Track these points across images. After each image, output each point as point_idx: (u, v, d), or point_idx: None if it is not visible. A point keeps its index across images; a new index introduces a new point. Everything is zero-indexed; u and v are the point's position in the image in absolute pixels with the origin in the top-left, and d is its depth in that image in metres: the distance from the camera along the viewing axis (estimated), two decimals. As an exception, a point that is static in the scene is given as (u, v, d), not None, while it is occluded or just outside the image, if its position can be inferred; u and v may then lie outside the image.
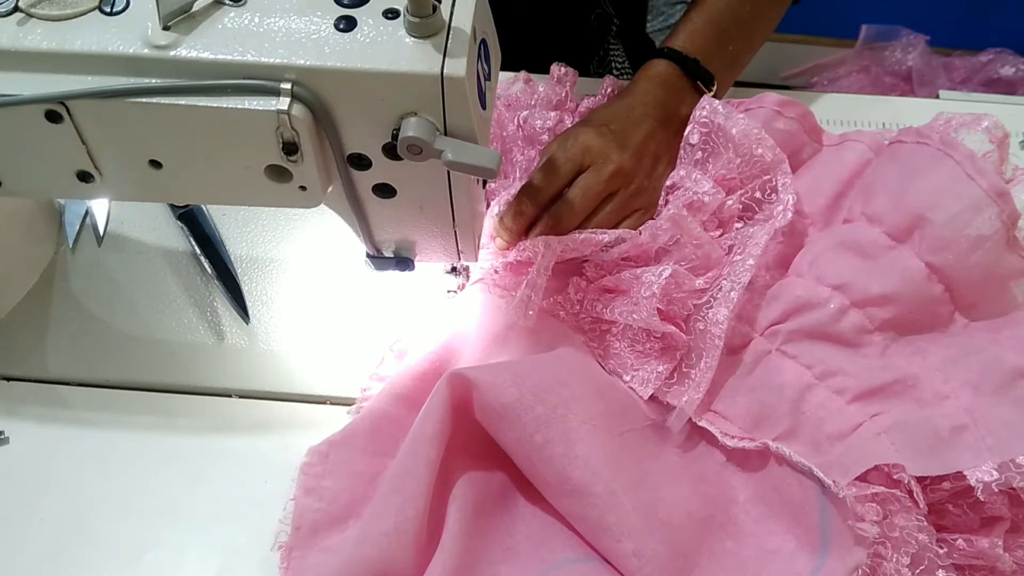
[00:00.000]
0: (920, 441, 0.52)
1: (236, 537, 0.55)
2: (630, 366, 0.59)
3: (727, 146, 0.62)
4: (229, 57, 0.44)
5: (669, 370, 0.57)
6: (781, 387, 0.55)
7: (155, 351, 0.63)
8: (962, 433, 0.52)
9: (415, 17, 0.43)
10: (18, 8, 0.45)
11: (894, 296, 0.56)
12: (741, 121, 0.61)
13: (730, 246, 0.60)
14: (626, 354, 0.59)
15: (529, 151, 0.69)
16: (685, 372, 0.57)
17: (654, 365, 0.58)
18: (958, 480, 0.50)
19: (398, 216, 0.53)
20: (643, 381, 0.58)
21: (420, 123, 0.44)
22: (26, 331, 0.64)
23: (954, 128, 0.63)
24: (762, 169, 0.61)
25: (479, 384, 0.52)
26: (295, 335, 0.63)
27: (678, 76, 0.67)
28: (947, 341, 0.57)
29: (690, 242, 0.59)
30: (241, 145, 0.47)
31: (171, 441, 0.59)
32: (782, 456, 0.53)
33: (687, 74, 0.67)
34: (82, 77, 0.45)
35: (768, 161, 0.61)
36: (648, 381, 0.57)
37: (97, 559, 0.54)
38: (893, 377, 0.54)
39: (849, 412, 0.54)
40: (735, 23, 0.69)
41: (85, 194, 0.51)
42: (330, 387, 0.61)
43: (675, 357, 0.57)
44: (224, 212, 0.69)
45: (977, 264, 0.56)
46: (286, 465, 0.57)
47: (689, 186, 0.61)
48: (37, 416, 0.60)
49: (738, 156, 0.61)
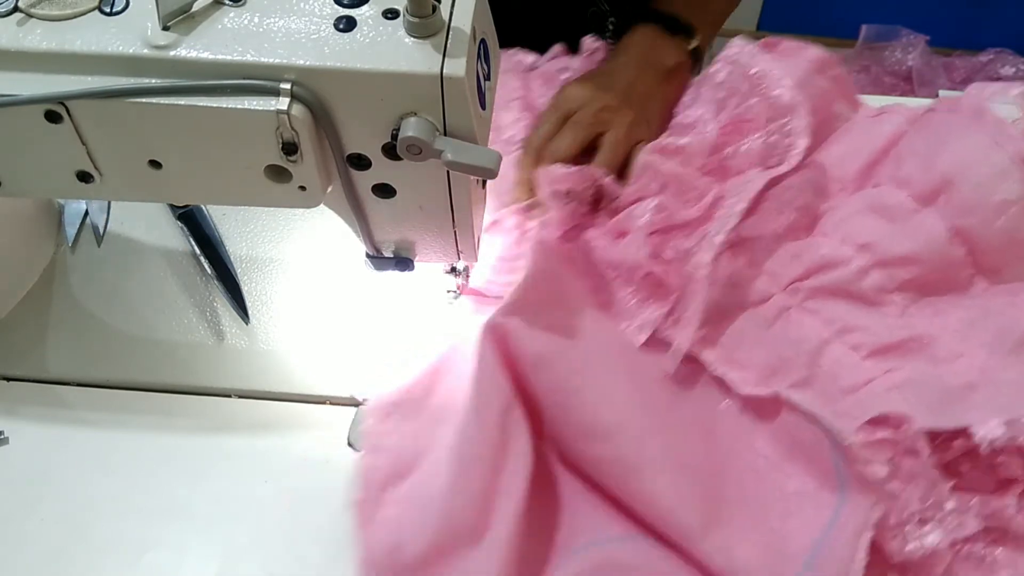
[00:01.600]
0: (930, 397, 0.52)
1: (236, 537, 0.55)
2: (630, 313, 0.60)
3: (745, 86, 0.63)
4: (229, 57, 0.44)
5: (663, 314, 0.59)
6: (799, 341, 0.56)
7: (155, 351, 0.63)
8: (973, 391, 0.52)
9: (415, 17, 0.43)
10: (18, 8, 0.45)
11: (916, 257, 0.58)
12: (763, 61, 0.63)
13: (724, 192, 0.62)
14: (628, 300, 0.60)
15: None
16: (677, 317, 0.59)
17: (652, 310, 0.59)
18: (970, 440, 0.50)
19: (398, 216, 0.53)
20: (639, 328, 0.59)
21: (420, 123, 0.44)
22: (26, 331, 0.64)
23: (987, 97, 0.64)
24: (779, 111, 0.63)
25: (514, 333, 0.54)
26: (295, 335, 0.63)
27: (658, 32, 0.71)
28: (967, 303, 0.58)
29: (673, 181, 0.61)
30: (241, 145, 0.47)
31: (171, 441, 0.59)
32: (793, 403, 0.54)
33: (667, 30, 0.70)
34: (82, 77, 0.45)
35: (785, 103, 0.62)
36: (645, 326, 0.59)
37: (97, 559, 0.54)
38: (909, 335, 0.55)
39: (864, 367, 0.55)
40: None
41: (85, 194, 0.51)
42: (330, 387, 0.61)
43: (669, 301, 0.59)
44: (224, 212, 0.69)
45: (1001, 229, 0.57)
46: (286, 465, 0.58)
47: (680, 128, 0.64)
48: (37, 416, 0.60)
49: (754, 96, 0.63)
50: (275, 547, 0.54)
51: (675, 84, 0.70)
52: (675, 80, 0.70)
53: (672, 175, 0.62)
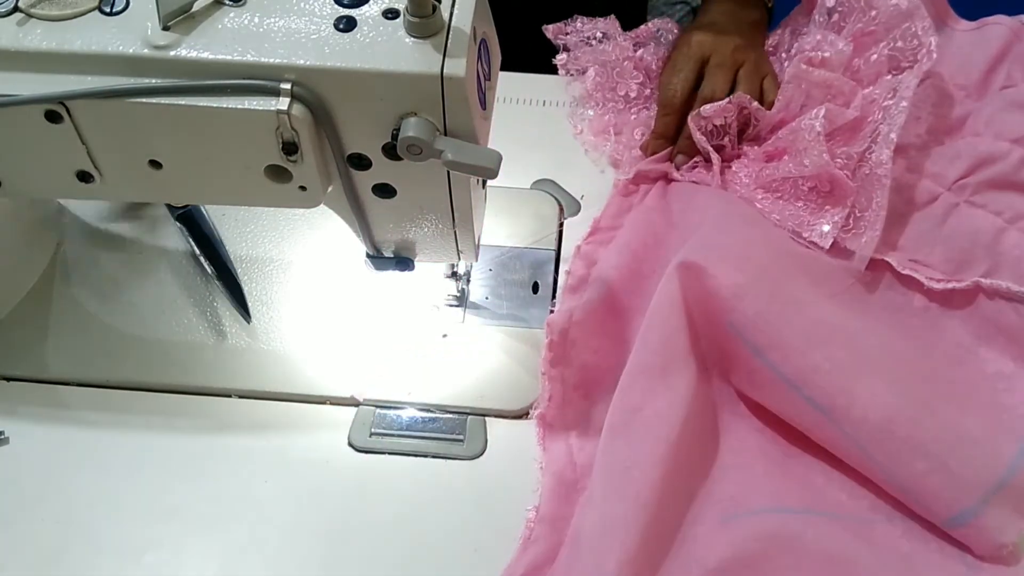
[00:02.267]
0: None
1: (236, 537, 0.55)
2: (807, 223, 0.63)
3: (860, 2, 0.68)
4: (229, 57, 0.44)
5: (844, 217, 0.62)
6: (975, 233, 0.61)
7: (155, 351, 0.63)
8: None
9: (415, 17, 0.43)
10: (18, 8, 0.45)
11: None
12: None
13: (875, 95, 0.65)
14: (801, 213, 0.63)
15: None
16: (859, 216, 0.62)
17: (829, 215, 0.62)
18: None
19: (398, 216, 0.53)
20: (821, 235, 0.62)
21: (420, 123, 0.44)
22: (26, 331, 0.64)
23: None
24: (900, 18, 0.67)
25: (710, 269, 0.57)
26: (295, 335, 0.63)
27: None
28: None
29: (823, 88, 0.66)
30: (241, 145, 0.47)
31: (171, 441, 0.59)
32: (995, 289, 0.58)
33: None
34: (82, 77, 0.45)
35: (904, 9, 0.66)
36: (826, 234, 0.62)
37: (97, 559, 0.54)
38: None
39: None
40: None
41: (85, 194, 0.51)
42: (330, 387, 0.61)
43: (847, 205, 0.62)
44: (224, 212, 0.69)
45: None
46: (286, 465, 0.58)
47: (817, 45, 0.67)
48: (37, 416, 0.60)
49: (872, 8, 0.67)
50: (275, 547, 0.54)
51: (761, 36, 0.76)
52: (760, 32, 0.76)
53: (821, 82, 0.65)
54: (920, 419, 0.52)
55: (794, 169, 0.63)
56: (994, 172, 0.63)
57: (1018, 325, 0.58)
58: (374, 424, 0.59)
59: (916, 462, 0.51)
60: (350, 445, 0.59)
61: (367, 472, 0.57)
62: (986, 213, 0.62)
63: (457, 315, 0.64)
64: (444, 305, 0.64)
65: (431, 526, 0.55)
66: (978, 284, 0.59)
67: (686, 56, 0.71)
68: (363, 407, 0.60)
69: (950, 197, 0.63)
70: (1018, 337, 0.58)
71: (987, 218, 0.62)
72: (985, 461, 0.51)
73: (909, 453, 0.51)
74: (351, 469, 0.58)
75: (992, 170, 0.63)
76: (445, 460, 0.58)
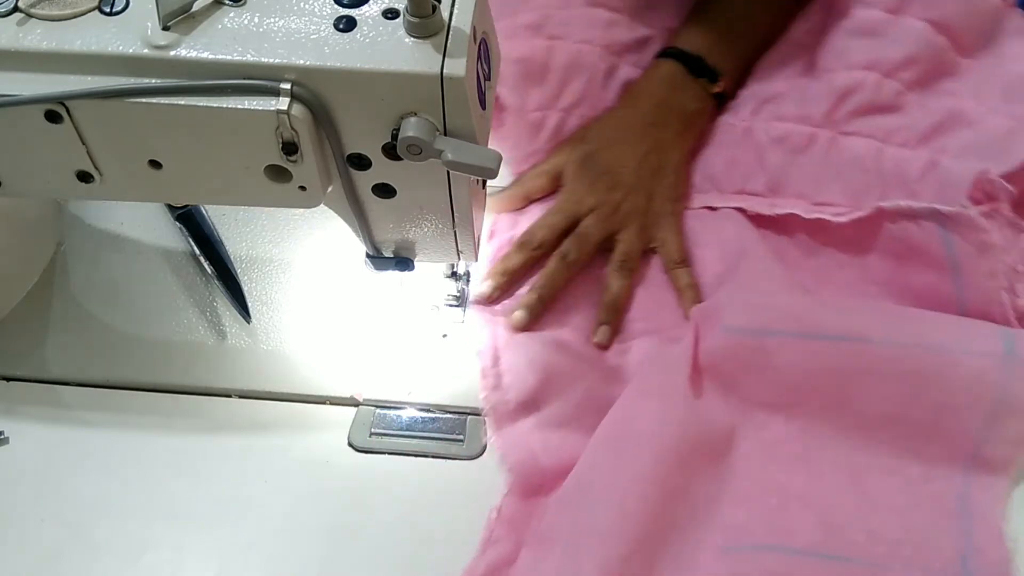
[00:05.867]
0: (987, 152, 0.60)
1: (236, 537, 0.55)
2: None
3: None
4: (229, 57, 0.44)
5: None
6: (858, 160, 0.64)
7: (155, 351, 0.63)
8: (1016, 133, 0.61)
9: (415, 17, 0.43)
10: (18, 8, 0.45)
11: (913, 56, 0.66)
12: None
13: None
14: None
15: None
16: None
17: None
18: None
19: (398, 216, 0.53)
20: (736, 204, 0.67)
21: (420, 123, 0.44)
22: (26, 331, 0.64)
23: None
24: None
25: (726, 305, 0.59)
26: (294, 335, 0.63)
27: (683, 75, 0.69)
28: (965, 77, 0.67)
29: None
30: (241, 145, 0.47)
31: (171, 441, 0.59)
32: (896, 210, 0.60)
33: (692, 71, 0.69)
34: (82, 77, 0.45)
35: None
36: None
37: (97, 559, 0.54)
38: (939, 118, 0.63)
39: (921, 155, 0.62)
40: (743, 18, 0.71)
41: (85, 194, 0.51)
42: (330, 387, 0.61)
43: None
44: (224, 212, 0.69)
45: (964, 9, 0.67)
46: (286, 465, 0.58)
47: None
48: (37, 416, 0.60)
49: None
50: (275, 547, 0.54)
51: (695, 130, 0.70)
52: (695, 126, 0.70)
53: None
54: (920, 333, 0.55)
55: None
56: (857, 101, 0.65)
57: (924, 241, 0.59)
58: (374, 424, 0.59)
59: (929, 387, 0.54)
60: (350, 445, 0.59)
61: (367, 472, 0.57)
62: (861, 139, 0.65)
63: (457, 315, 0.64)
64: (444, 305, 0.64)
65: (431, 526, 0.55)
66: (879, 208, 0.61)
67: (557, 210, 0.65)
68: (363, 407, 0.60)
69: (825, 134, 0.66)
70: (924, 255, 0.59)
71: (863, 143, 0.64)
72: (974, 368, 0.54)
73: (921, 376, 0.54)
74: (351, 469, 0.58)
75: (855, 99, 0.65)
76: (445, 460, 0.58)
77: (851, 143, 0.65)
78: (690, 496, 0.53)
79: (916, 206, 0.59)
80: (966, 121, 0.63)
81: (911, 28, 0.67)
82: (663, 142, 0.67)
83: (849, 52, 0.67)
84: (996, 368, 0.53)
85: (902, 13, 0.67)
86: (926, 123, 0.64)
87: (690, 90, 0.69)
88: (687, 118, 0.68)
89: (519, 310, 0.61)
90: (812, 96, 0.67)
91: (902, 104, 0.66)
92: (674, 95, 0.69)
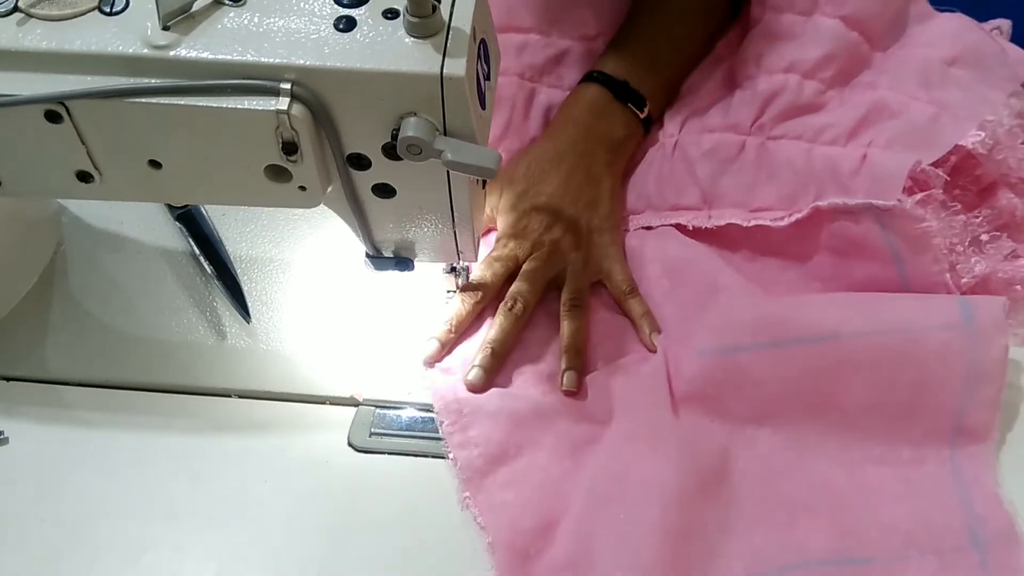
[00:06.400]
0: (914, 140, 0.61)
1: (236, 537, 0.55)
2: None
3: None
4: (229, 57, 0.44)
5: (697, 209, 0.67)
6: (789, 162, 0.64)
7: (155, 351, 0.63)
8: (939, 118, 0.62)
9: (415, 17, 0.43)
10: (18, 8, 0.45)
11: (829, 55, 0.67)
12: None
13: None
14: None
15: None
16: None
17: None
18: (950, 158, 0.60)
19: (398, 216, 0.53)
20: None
21: (420, 123, 0.44)
22: (26, 331, 0.64)
23: None
24: None
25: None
26: (294, 335, 0.63)
27: (608, 100, 0.68)
28: (880, 68, 0.68)
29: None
30: (241, 145, 0.47)
31: (171, 441, 0.59)
32: (833, 209, 0.60)
33: (617, 97, 0.68)
34: (82, 77, 0.45)
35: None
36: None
37: (96, 559, 0.54)
38: (863, 111, 0.64)
39: (851, 151, 0.63)
40: (667, 42, 0.71)
41: (85, 194, 0.51)
42: (330, 387, 0.61)
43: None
44: (224, 212, 0.69)
45: (873, 1, 0.68)
46: (286, 465, 0.58)
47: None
48: (37, 416, 0.60)
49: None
50: (275, 547, 0.54)
51: (624, 156, 0.69)
52: (624, 153, 0.69)
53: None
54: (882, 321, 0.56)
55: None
56: (781, 104, 0.66)
57: (862, 235, 0.59)
58: (374, 424, 0.59)
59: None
60: (350, 445, 0.59)
61: (367, 472, 0.57)
62: (788, 142, 0.65)
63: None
64: (444, 304, 0.64)
65: (431, 526, 0.55)
66: (816, 208, 0.61)
67: (495, 258, 0.63)
68: (363, 407, 0.60)
69: (754, 140, 0.66)
70: (865, 247, 0.60)
71: (792, 145, 0.65)
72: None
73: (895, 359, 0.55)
74: (351, 469, 0.58)
75: (778, 103, 0.66)
76: (445, 460, 0.58)
77: (780, 146, 0.65)
78: (703, 531, 0.53)
79: (852, 203, 0.59)
80: (889, 112, 0.64)
81: (824, 27, 0.67)
82: (594, 172, 0.66)
83: (767, 57, 0.68)
84: (959, 338, 0.54)
85: (813, 13, 0.68)
86: (851, 118, 0.64)
87: (617, 116, 0.68)
88: (615, 145, 0.67)
89: (474, 369, 0.59)
90: (736, 105, 0.67)
91: (825, 102, 0.67)
92: (601, 123, 0.67)
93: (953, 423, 0.55)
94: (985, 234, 0.60)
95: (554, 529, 0.53)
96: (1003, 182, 0.62)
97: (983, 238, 0.60)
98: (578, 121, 0.67)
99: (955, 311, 0.55)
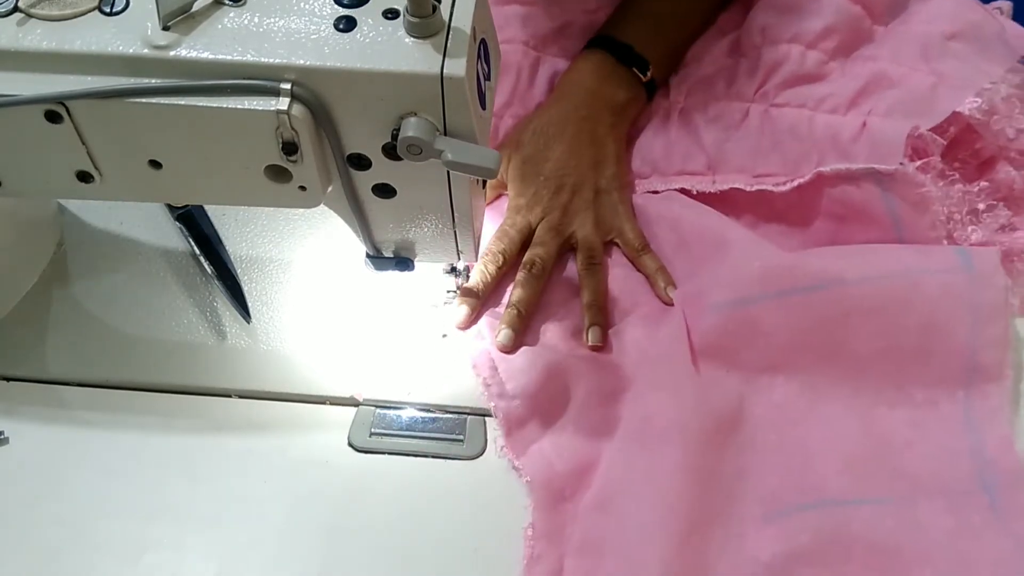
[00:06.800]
0: (913, 108, 0.62)
1: (236, 537, 0.55)
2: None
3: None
4: (229, 57, 0.44)
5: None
6: (791, 129, 0.66)
7: (155, 351, 0.63)
8: (937, 87, 0.63)
9: (415, 17, 0.43)
10: (18, 8, 0.45)
11: (832, 27, 0.68)
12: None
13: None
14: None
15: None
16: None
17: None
18: (949, 128, 0.61)
19: (398, 216, 0.53)
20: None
21: (420, 123, 0.44)
22: (26, 331, 0.64)
23: None
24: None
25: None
26: (294, 335, 0.63)
27: (612, 64, 0.70)
28: (882, 41, 0.69)
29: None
30: (241, 145, 0.47)
31: (171, 441, 0.59)
32: (835, 174, 0.62)
33: (621, 60, 0.69)
34: (82, 77, 0.45)
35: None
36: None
37: (96, 559, 0.54)
38: (864, 82, 0.65)
39: (851, 119, 0.64)
40: (671, 9, 0.72)
41: (85, 194, 0.51)
42: (330, 387, 0.61)
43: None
44: (224, 212, 0.69)
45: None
46: (286, 465, 0.58)
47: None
48: (37, 416, 0.60)
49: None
50: (275, 547, 0.54)
51: (628, 119, 0.70)
52: (628, 116, 0.70)
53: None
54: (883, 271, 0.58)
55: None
56: (784, 73, 0.67)
57: (863, 201, 0.61)
58: (374, 424, 0.59)
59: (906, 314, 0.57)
60: (350, 445, 0.59)
61: (367, 472, 0.57)
62: (791, 109, 0.66)
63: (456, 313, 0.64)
64: (443, 304, 0.64)
65: (431, 526, 0.55)
66: (819, 173, 0.62)
67: (503, 234, 0.65)
68: (363, 407, 0.60)
69: (757, 108, 0.68)
70: (866, 213, 0.62)
71: (794, 113, 0.66)
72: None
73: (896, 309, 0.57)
74: (351, 469, 0.58)
75: (781, 72, 0.68)
76: (445, 460, 0.58)
77: (783, 114, 0.67)
78: (722, 476, 0.54)
79: (854, 168, 0.61)
80: (889, 82, 0.65)
81: (828, 1, 0.69)
82: (598, 135, 0.68)
83: (771, 28, 0.69)
84: (960, 281, 0.56)
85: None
86: (852, 88, 0.65)
87: (620, 79, 0.69)
88: (619, 108, 0.69)
89: (503, 329, 0.61)
90: (741, 73, 0.69)
91: (827, 73, 0.68)
92: (604, 86, 0.69)
93: (965, 363, 0.56)
94: (982, 204, 0.61)
95: (588, 473, 0.56)
96: (1002, 155, 0.63)
97: (980, 207, 0.61)
98: (582, 85, 0.69)
99: (953, 257, 0.57)
